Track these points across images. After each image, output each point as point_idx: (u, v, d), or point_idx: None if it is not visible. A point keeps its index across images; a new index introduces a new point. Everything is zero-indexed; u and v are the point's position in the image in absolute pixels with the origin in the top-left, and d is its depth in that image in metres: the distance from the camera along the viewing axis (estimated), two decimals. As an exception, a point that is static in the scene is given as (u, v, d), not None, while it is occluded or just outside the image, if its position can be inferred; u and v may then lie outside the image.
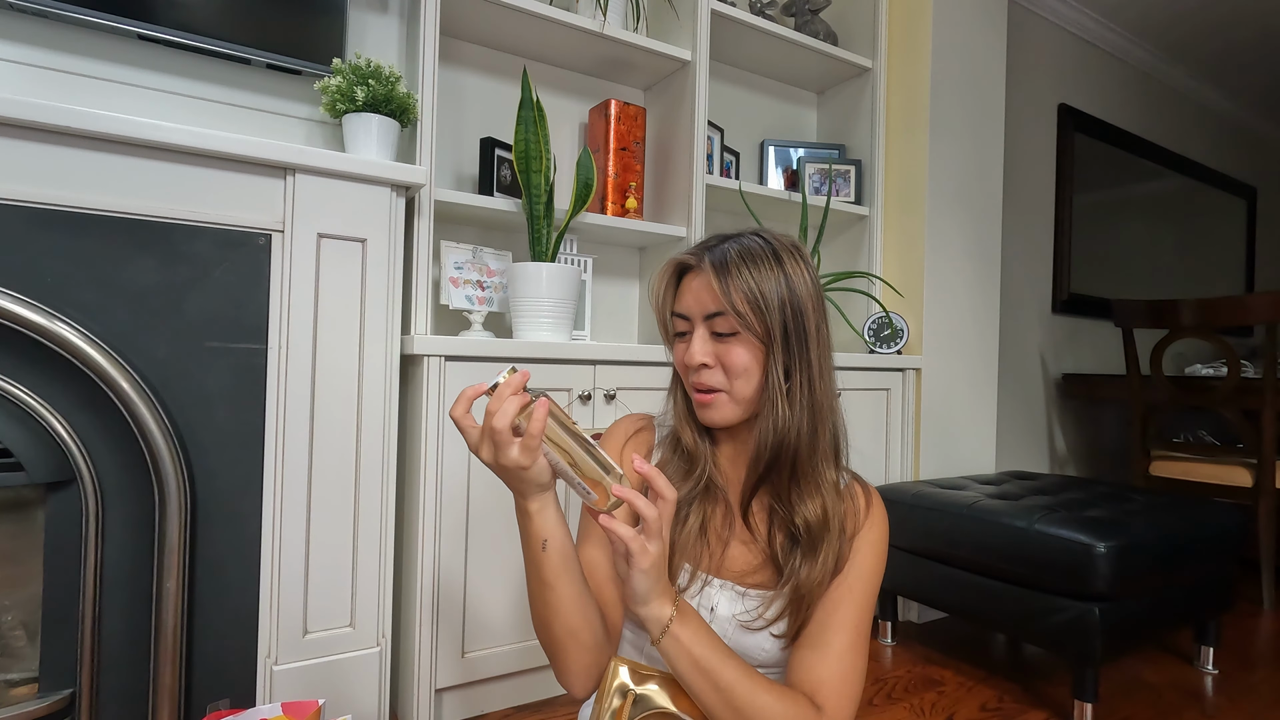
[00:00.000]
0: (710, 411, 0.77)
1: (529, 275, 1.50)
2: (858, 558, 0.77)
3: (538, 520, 0.70)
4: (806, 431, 0.75)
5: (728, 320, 0.73)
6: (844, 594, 0.75)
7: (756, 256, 0.74)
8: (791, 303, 0.73)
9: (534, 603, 0.74)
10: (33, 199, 1.03)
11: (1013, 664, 1.78)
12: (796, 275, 0.74)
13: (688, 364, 0.76)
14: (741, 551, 0.80)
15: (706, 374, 0.75)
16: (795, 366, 0.74)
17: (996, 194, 2.21)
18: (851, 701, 0.73)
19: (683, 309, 0.77)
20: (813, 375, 0.75)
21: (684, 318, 0.77)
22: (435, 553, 1.35)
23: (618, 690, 0.72)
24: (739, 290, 0.72)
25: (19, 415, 1.04)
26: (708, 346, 0.75)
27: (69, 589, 1.07)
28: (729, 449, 0.83)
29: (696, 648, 0.68)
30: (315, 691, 1.22)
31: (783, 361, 0.74)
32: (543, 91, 1.84)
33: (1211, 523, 1.63)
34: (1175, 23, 3.06)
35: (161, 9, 1.31)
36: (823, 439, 0.76)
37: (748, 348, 0.74)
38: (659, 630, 0.68)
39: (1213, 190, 3.79)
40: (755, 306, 0.72)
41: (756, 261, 0.73)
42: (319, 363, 1.23)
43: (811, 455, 0.76)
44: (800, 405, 0.74)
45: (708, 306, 0.74)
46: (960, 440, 2.12)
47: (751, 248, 0.74)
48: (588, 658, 0.75)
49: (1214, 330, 2.31)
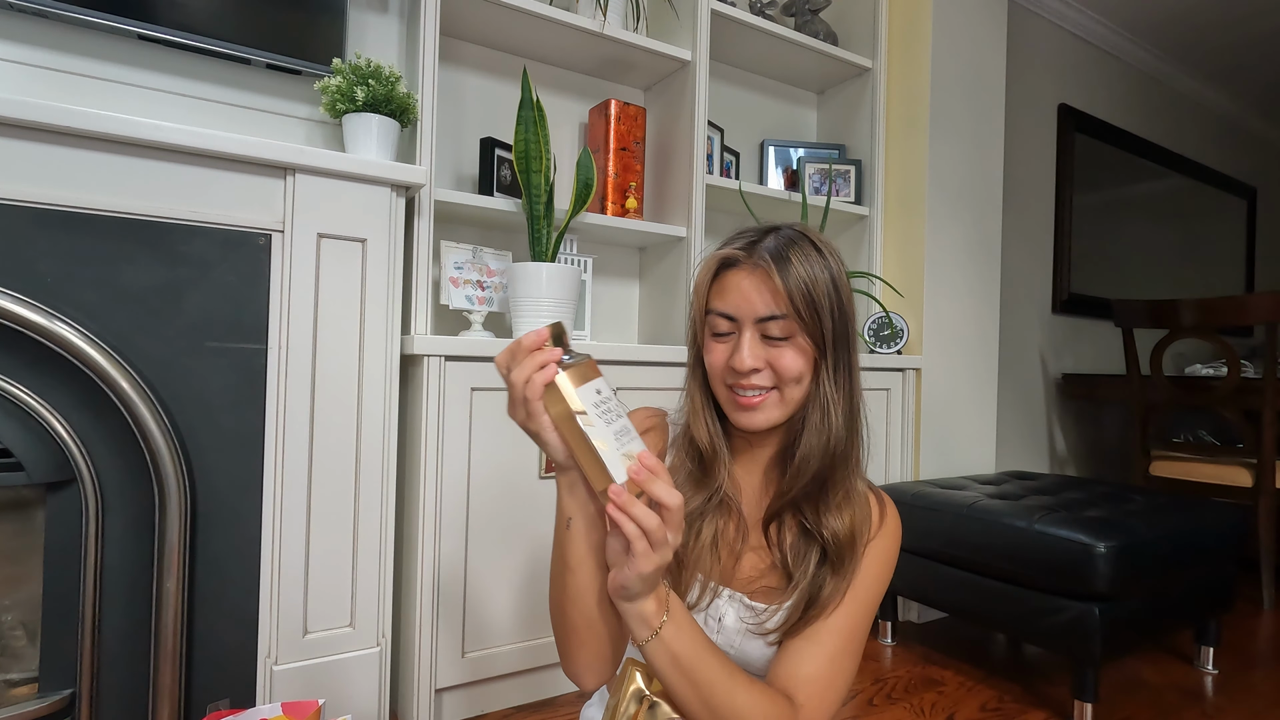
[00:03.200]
0: (756, 415, 0.72)
1: (529, 275, 1.50)
2: (866, 564, 0.75)
3: (566, 497, 0.66)
4: (844, 441, 0.72)
5: (785, 324, 0.69)
6: (846, 596, 0.73)
7: (807, 250, 0.70)
8: (839, 304, 0.70)
9: (554, 586, 0.70)
10: (33, 199, 1.03)
11: (1013, 664, 1.78)
12: (838, 270, 0.71)
13: (737, 368, 0.70)
14: (752, 560, 0.78)
15: (758, 378, 0.71)
16: (841, 371, 0.71)
17: (996, 194, 2.22)
18: (832, 705, 0.71)
19: (729, 309, 0.71)
20: (853, 381, 0.72)
21: (729, 318, 0.71)
22: (435, 552, 1.35)
23: (634, 696, 0.71)
24: (799, 289, 0.68)
25: (19, 415, 1.04)
26: (759, 350, 0.70)
27: (69, 589, 1.07)
28: (745, 456, 0.80)
29: (677, 644, 0.65)
30: (315, 691, 1.22)
31: (832, 367, 0.70)
32: (543, 91, 1.84)
33: (1211, 523, 1.63)
34: (1175, 23, 3.06)
35: (161, 9, 1.31)
36: (855, 447, 0.74)
37: (801, 352, 0.70)
38: (646, 633, 0.64)
39: (1213, 190, 3.79)
40: (812, 308, 0.68)
41: (809, 256, 0.69)
42: (319, 363, 1.23)
43: (845, 465, 0.73)
44: (842, 414, 0.71)
45: (761, 309, 0.69)
46: (960, 440, 2.12)
47: (797, 241, 0.70)
48: (603, 649, 0.70)
49: (1214, 330, 2.31)
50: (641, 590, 0.63)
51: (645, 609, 0.64)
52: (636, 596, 0.63)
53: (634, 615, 0.64)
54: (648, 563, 0.60)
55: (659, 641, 0.64)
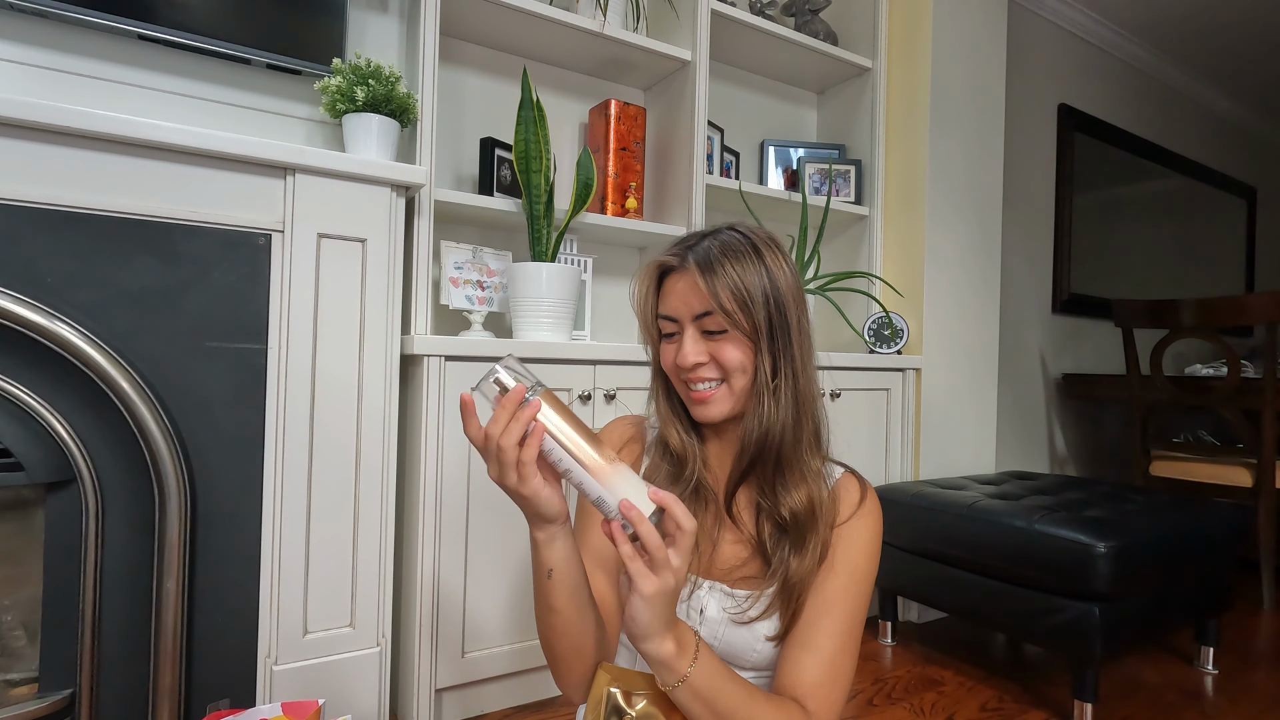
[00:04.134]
0: (709, 408, 0.76)
1: (529, 275, 1.49)
2: (850, 554, 0.76)
3: (544, 551, 0.67)
4: (791, 424, 0.75)
5: (717, 319, 0.73)
6: (836, 594, 0.74)
7: (738, 252, 0.74)
8: (774, 297, 0.74)
9: (540, 623, 0.73)
10: (33, 199, 1.03)
11: (1013, 664, 1.78)
12: (776, 268, 0.75)
13: (681, 365, 0.76)
14: (730, 549, 0.80)
15: (703, 370, 0.75)
16: (781, 360, 0.75)
17: (997, 194, 2.21)
18: (839, 704, 0.73)
19: (669, 311, 0.77)
20: (796, 368, 0.75)
21: (671, 319, 0.77)
22: (435, 553, 1.35)
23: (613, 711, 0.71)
24: (725, 288, 0.72)
25: (19, 415, 1.04)
26: (700, 345, 0.75)
27: (69, 589, 1.07)
28: (715, 447, 0.83)
29: (704, 689, 0.64)
30: (315, 691, 1.22)
31: (770, 356, 0.74)
32: (543, 91, 1.84)
33: (1211, 523, 1.63)
34: (1175, 23, 3.06)
35: (161, 9, 1.31)
36: (806, 430, 0.77)
37: (738, 345, 0.74)
38: (672, 679, 0.63)
39: (1213, 190, 3.79)
40: (741, 303, 0.72)
41: (739, 257, 0.73)
42: (319, 363, 1.23)
43: (796, 446, 0.76)
44: (786, 398, 0.75)
45: (695, 307, 0.74)
46: (960, 440, 2.12)
47: (731, 243, 0.74)
48: (590, 669, 0.74)
49: (1214, 330, 2.31)
50: (652, 624, 0.60)
51: (664, 651, 0.62)
52: (649, 634, 0.61)
53: (654, 660, 0.63)
54: (646, 583, 0.59)
55: (686, 688, 0.64)
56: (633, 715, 0.70)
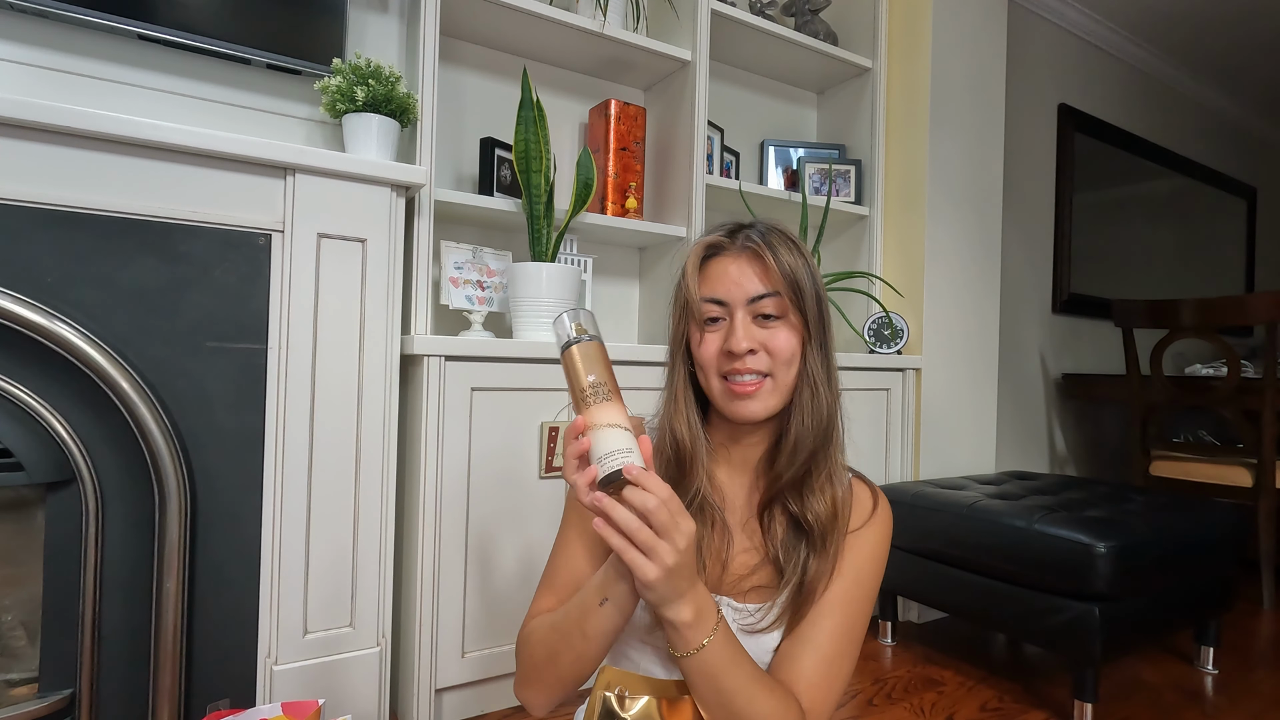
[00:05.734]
0: (752, 403, 0.72)
1: (529, 275, 1.50)
2: (858, 560, 0.76)
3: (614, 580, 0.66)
4: (829, 418, 0.74)
5: (778, 301, 0.71)
6: (840, 597, 0.73)
7: (786, 242, 0.73)
8: (817, 290, 0.73)
9: (559, 638, 0.71)
10: (33, 199, 1.03)
11: (1013, 664, 1.78)
12: (812, 263, 0.74)
13: (734, 350, 0.70)
14: (739, 559, 0.77)
15: (752, 360, 0.71)
16: (825, 351, 0.74)
17: (997, 194, 2.21)
18: (831, 707, 0.73)
19: (719, 294, 0.72)
20: (831, 365, 0.75)
21: (720, 302, 0.72)
22: (435, 552, 1.35)
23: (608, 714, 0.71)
24: (787, 270, 0.70)
25: (19, 415, 1.04)
26: (753, 331, 0.71)
27: (69, 589, 1.07)
28: (729, 460, 0.79)
29: (716, 660, 0.65)
30: (315, 691, 1.22)
31: (818, 346, 0.73)
32: (543, 91, 1.84)
33: (1211, 523, 1.63)
34: (1175, 23, 3.06)
35: (161, 9, 1.31)
36: (838, 430, 0.76)
37: (793, 331, 0.72)
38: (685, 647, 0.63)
39: (1213, 190, 3.79)
40: (796, 289, 0.71)
41: (789, 247, 0.72)
42: (319, 363, 1.23)
43: (829, 445, 0.75)
44: (828, 394, 0.73)
45: (751, 289, 0.71)
46: (960, 440, 2.12)
47: (777, 229, 0.74)
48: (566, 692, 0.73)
49: (1214, 330, 2.31)
50: (665, 594, 0.61)
51: (681, 616, 0.62)
52: (665, 602, 0.62)
53: (671, 623, 0.63)
54: (648, 570, 0.59)
55: (698, 659, 0.64)
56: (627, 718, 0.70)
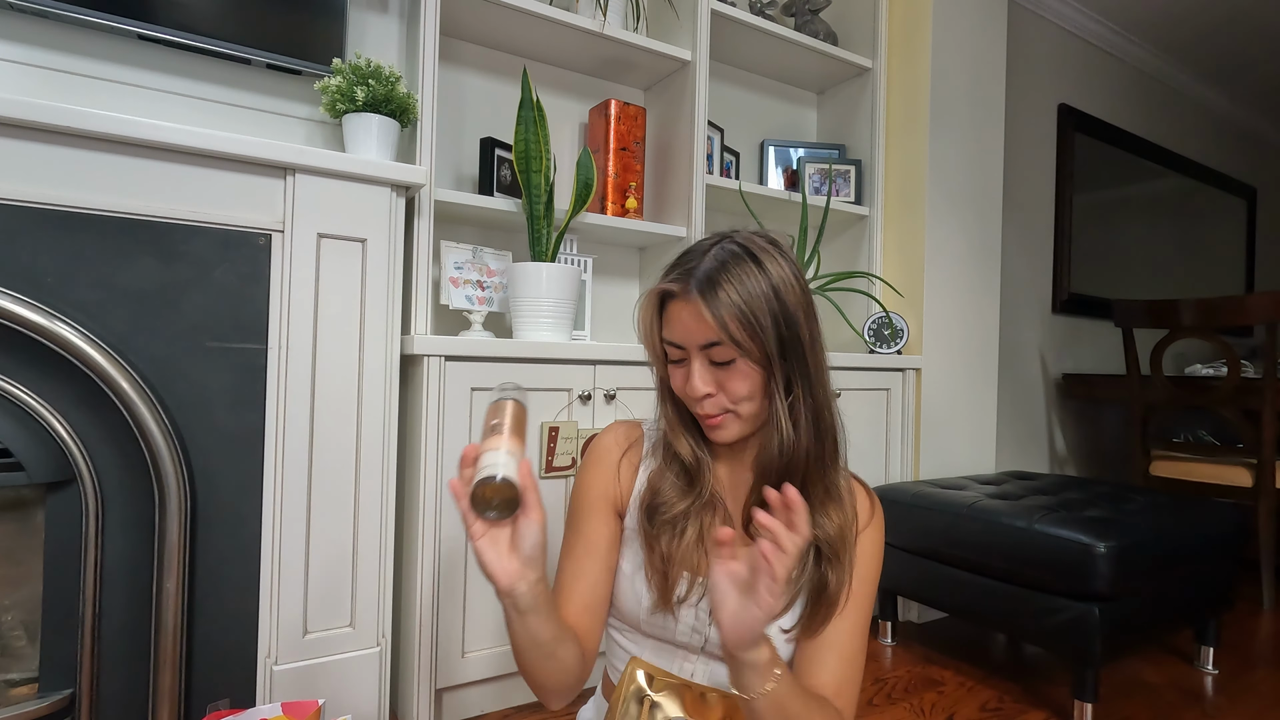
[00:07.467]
0: (721, 432, 0.75)
1: (529, 275, 1.50)
2: (863, 559, 0.79)
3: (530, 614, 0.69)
4: (813, 444, 0.73)
5: (725, 350, 0.70)
6: (852, 597, 0.77)
7: (740, 269, 0.70)
8: (783, 314, 0.70)
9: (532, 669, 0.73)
10: (33, 199, 1.03)
11: (1013, 664, 1.78)
12: (781, 278, 0.71)
13: (689, 395, 0.74)
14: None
15: (710, 403, 0.73)
16: (795, 379, 0.72)
17: (996, 194, 2.21)
18: (856, 700, 0.77)
19: (676, 338, 0.74)
20: (812, 384, 0.73)
21: (679, 346, 0.74)
22: (435, 553, 1.35)
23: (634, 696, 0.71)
24: (732, 316, 0.68)
25: (19, 415, 1.04)
26: (708, 375, 0.72)
27: (69, 589, 1.07)
28: (729, 458, 0.83)
29: (787, 698, 0.65)
30: (315, 691, 1.22)
31: (783, 379, 0.72)
32: (543, 91, 1.84)
33: (1211, 523, 1.63)
34: (1175, 23, 3.06)
35: (161, 9, 1.31)
36: (827, 446, 0.75)
37: (745, 375, 0.71)
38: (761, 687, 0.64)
39: (1213, 190, 3.79)
40: (750, 330, 0.69)
41: (741, 276, 0.69)
42: (319, 363, 1.23)
43: (819, 465, 0.75)
44: (804, 419, 0.73)
45: (700, 338, 0.71)
46: (960, 440, 2.12)
47: (731, 260, 0.71)
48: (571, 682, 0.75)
49: (1214, 330, 2.31)
50: (759, 632, 0.62)
51: (760, 658, 0.64)
52: (756, 642, 0.62)
53: (748, 667, 0.64)
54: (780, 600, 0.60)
55: (769, 698, 0.64)
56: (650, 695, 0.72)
